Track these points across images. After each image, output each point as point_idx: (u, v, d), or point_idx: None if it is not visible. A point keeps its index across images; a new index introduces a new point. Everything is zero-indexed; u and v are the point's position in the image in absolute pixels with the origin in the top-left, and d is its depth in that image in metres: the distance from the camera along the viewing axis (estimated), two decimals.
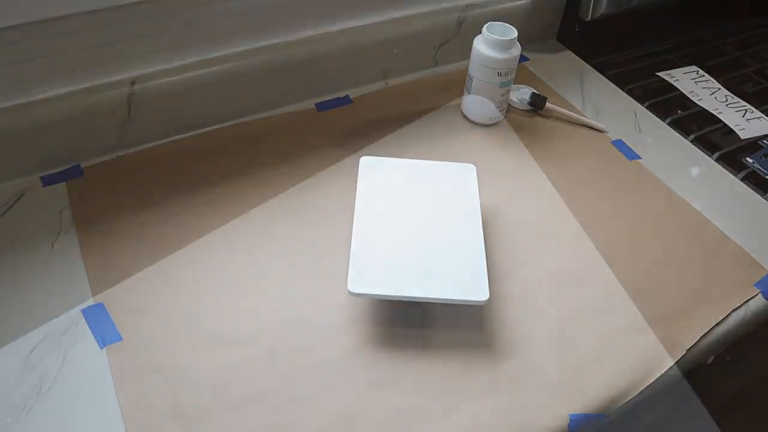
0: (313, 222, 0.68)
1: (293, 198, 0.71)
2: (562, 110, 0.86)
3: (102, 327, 0.57)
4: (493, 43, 0.77)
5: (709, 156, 0.83)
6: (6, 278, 0.60)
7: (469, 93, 0.82)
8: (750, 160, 0.82)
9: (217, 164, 0.74)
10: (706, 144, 0.84)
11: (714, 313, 0.63)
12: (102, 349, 0.56)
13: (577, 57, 0.99)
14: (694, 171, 0.80)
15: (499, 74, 0.78)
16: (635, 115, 0.89)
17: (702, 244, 0.70)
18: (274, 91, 0.82)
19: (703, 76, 0.97)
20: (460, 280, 0.57)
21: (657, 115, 0.89)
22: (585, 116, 0.86)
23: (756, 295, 0.65)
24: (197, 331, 0.57)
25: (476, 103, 0.82)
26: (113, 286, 0.60)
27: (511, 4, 0.93)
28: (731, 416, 0.89)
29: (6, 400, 0.51)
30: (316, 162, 0.76)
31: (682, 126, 0.87)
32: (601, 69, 0.96)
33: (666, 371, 0.58)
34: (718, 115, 0.89)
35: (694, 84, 0.95)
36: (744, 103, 0.92)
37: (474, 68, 0.80)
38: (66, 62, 0.68)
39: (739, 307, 0.64)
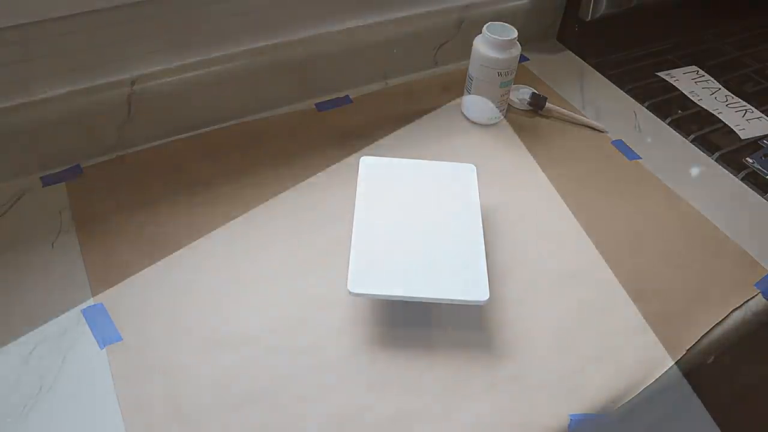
0: (313, 222, 0.68)
1: (293, 198, 0.71)
2: (562, 110, 0.86)
3: (102, 327, 0.57)
4: (493, 43, 0.77)
5: (709, 156, 0.82)
6: (6, 278, 0.60)
7: (469, 93, 0.82)
8: (750, 160, 0.82)
9: (217, 164, 0.74)
10: (706, 144, 0.84)
11: (714, 313, 0.63)
12: (102, 349, 0.55)
13: (577, 57, 0.99)
14: (694, 171, 0.80)
15: (499, 74, 0.78)
16: (635, 115, 0.89)
17: (702, 244, 0.70)
18: (274, 91, 0.82)
19: (703, 76, 0.97)
20: (460, 280, 0.57)
21: (657, 115, 0.89)
22: (585, 116, 0.86)
23: (756, 295, 0.65)
24: (197, 331, 0.57)
25: (476, 103, 0.82)
26: (113, 286, 0.60)
27: (511, 4, 0.93)
28: (731, 416, 0.89)
29: (6, 400, 0.51)
30: (316, 162, 0.75)
31: (682, 126, 0.87)
32: (601, 69, 0.96)
33: (666, 371, 0.58)
34: (718, 115, 0.89)
35: (694, 84, 0.95)
36: (744, 103, 0.92)
37: (474, 68, 0.80)
38: (66, 62, 0.68)
39: (739, 307, 0.64)
